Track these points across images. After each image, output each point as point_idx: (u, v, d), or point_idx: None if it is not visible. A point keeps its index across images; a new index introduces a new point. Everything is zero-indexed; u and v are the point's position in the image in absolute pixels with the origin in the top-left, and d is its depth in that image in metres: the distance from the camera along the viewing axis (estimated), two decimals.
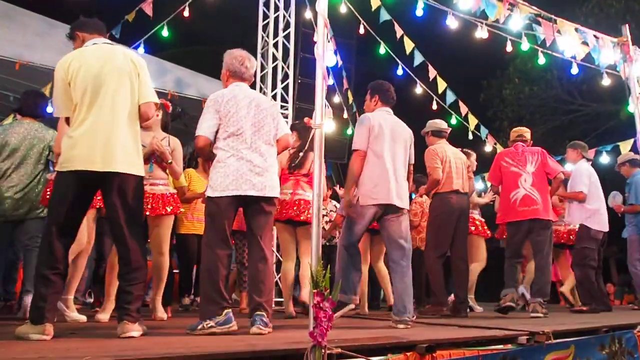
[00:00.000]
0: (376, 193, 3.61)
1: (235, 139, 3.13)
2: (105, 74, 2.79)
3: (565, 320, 4.01)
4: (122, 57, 2.89)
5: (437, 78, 7.13)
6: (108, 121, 2.74)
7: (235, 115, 3.15)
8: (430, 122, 5.10)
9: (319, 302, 2.13)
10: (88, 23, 3.05)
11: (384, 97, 3.88)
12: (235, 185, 3.06)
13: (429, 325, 3.68)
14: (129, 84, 2.85)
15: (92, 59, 2.82)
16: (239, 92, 3.24)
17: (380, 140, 3.67)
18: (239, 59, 3.34)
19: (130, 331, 2.64)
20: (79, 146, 2.69)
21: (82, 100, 2.74)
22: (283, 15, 6.78)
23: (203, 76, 7.58)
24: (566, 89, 14.90)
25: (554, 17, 4.62)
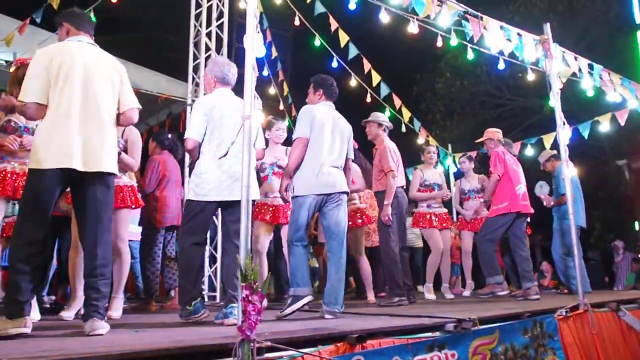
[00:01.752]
0: (315, 183, 3.66)
1: (218, 146, 3.34)
2: (89, 76, 2.81)
3: (492, 307, 4.19)
4: (107, 63, 2.94)
5: (372, 71, 7.22)
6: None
7: (220, 121, 3.39)
8: (376, 114, 5.16)
9: (248, 295, 2.10)
10: (80, 18, 3.03)
11: (327, 92, 3.98)
12: (217, 191, 3.32)
13: (360, 315, 3.74)
14: (112, 90, 2.90)
15: (77, 57, 2.82)
16: (225, 100, 3.48)
17: (320, 132, 3.75)
18: (226, 67, 3.61)
19: (98, 329, 2.62)
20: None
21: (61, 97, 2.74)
22: (216, 5, 6.61)
23: (134, 65, 7.29)
24: (494, 84, 15.56)
25: (480, 15, 4.79)
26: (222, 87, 3.57)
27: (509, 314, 3.59)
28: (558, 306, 3.93)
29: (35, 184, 2.68)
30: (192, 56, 6.48)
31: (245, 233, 2.30)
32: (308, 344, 2.36)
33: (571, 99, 11.87)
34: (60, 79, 2.74)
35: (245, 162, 2.43)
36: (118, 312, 3.82)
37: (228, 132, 3.36)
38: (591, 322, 3.98)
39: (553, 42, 4.95)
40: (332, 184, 3.71)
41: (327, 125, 3.79)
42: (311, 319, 3.47)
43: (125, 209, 3.88)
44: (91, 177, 2.75)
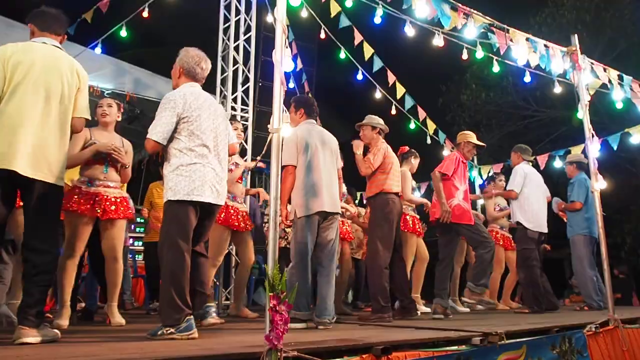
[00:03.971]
0: (310, 203, 3.75)
1: (200, 145, 3.07)
2: (47, 79, 2.73)
3: (518, 321, 4.13)
4: (68, 67, 2.84)
5: (396, 83, 7.24)
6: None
7: (198, 120, 3.08)
8: (371, 117, 4.90)
9: (275, 305, 2.14)
10: (45, 18, 2.91)
11: (308, 110, 4.07)
12: (200, 191, 3.03)
13: (385, 327, 3.73)
14: (68, 95, 2.81)
15: (37, 58, 2.74)
16: (199, 95, 3.16)
17: (308, 152, 3.83)
18: (195, 59, 3.26)
19: (25, 337, 2.51)
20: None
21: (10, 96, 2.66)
22: (244, 19, 6.75)
23: (163, 78, 7.46)
24: (521, 96, 15.37)
25: (507, 27, 4.78)
26: (191, 82, 3.25)
27: (537, 328, 3.54)
28: (587, 322, 3.86)
29: None
30: (220, 69, 6.60)
31: (273, 245, 2.34)
32: (333, 355, 2.37)
33: (600, 111, 11.68)
34: (14, 79, 2.68)
35: (273, 175, 2.46)
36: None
37: (208, 131, 3.16)
38: (622, 338, 3.90)
39: (581, 54, 4.91)
40: (328, 204, 3.82)
41: (312, 144, 3.88)
42: (334, 330, 3.49)
43: (119, 220, 3.85)
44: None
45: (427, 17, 4.64)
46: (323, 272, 3.82)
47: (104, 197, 3.74)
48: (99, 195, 3.73)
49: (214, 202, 3.11)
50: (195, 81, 3.27)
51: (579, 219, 6.20)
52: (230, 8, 6.74)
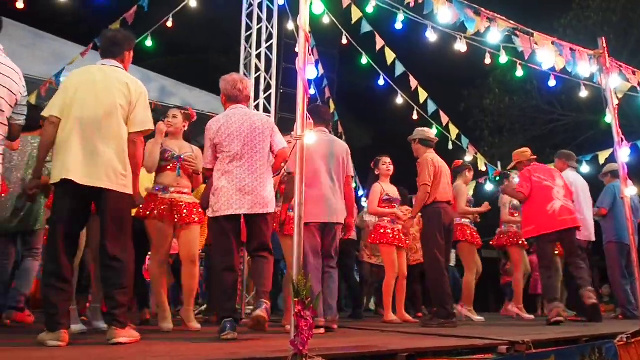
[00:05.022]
0: (315, 213, 3.83)
1: (228, 161, 3.36)
2: (100, 98, 2.90)
3: (546, 330, 4.05)
4: (121, 84, 2.96)
5: (418, 88, 7.21)
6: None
7: (228, 139, 3.39)
8: (419, 130, 5.09)
9: (300, 311, 2.14)
10: (102, 44, 3.13)
11: (319, 119, 4.13)
12: (227, 205, 3.31)
13: (410, 334, 3.70)
14: (122, 111, 2.94)
15: (96, 81, 2.93)
16: (233, 116, 3.47)
17: (314, 161, 3.89)
18: (232, 83, 3.57)
19: (118, 337, 2.71)
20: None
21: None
22: (266, 27, 6.81)
23: (186, 86, 7.60)
24: (546, 99, 15.16)
25: (531, 31, 4.71)
26: (234, 105, 3.56)
27: (565, 337, 3.47)
28: (619, 331, 3.76)
29: None
30: None
31: (298, 250, 2.34)
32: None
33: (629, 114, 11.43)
34: (74, 100, 2.89)
35: (297, 181, 2.47)
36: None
37: (236, 147, 3.39)
38: None
39: (609, 56, 4.81)
40: (332, 214, 3.94)
41: (319, 152, 3.96)
42: (357, 335, 3.47)
43: (195, 225, 4.03)
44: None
45: (450, 21, 4.60)
46: (329, 276, 3.96)
47: (178, 203, 3.91)
48: (174, 202, 3.90)
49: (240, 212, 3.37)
50: (238, 102, 3.58)
51: (609, 226, 6.09)
52: (252, 16, 6.81)
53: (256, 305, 3.22)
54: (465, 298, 5.68)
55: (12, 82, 2.81)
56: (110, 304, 2.80)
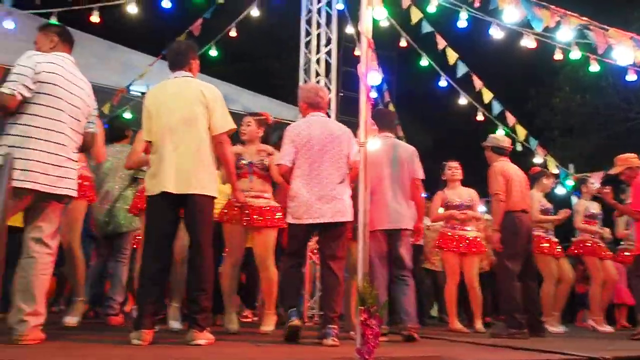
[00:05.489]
0: (379, 220, 3.78)
1: (307, 168, 3.41)
2: (177, 108, 3.05)
3: (630, 345, 3.79)
4: (194, 92, 3.09)
5: (482, 89, 6.98)
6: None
7: (307, 145, 3.44)
8: (492, 137, 4.96)
9: (366, 319, 2.11)
10: (170, 58, 3.24)
11: (383, 124, 4.05)
12: (308, 214, 3.35)
13: (479, 346, 3.56)
14: (198, 117, 3.06)
15: (169, 94, 3.10)
16: (313, 122, 3.55)
17: (376, 167, 3.80)
18: (313, 91, 3.71)
19: (198, 339, 2.83)
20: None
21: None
22: (325, 32, 6.83)
23: (248, 91, 7.73)
24: (622, 96, 14.29)
25: (606, 27, 4.43)
26: (314, 112, 3.64)
27: None
28: None
29: None
30: (303, 82, 6.70)
31: (362, 257, 2.32)
32: None
33: None
34: (159, 116, 3.08)
35: (361, 187, 2.45)
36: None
37: (316, 154, 3.44)
38: None
39: None
40: (397, 220, 3.86)
41: (381, 158, 3.88)
42: (422, 345, 3.39)
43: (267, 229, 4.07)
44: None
45: (516, 21, 4.43)
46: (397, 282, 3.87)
47: (250, 206, 3.96)
48: (245, 205, 3.95)
49: (321, 221, 3.40)
50: (319, 109, 3.66)
51: None
52: (311, 22, 6.85)
53: (323, 333, 3.22)
54: (544, 308, 5.39)
55: (85, 93, 2.94)
56: (193, 308, 2.92)
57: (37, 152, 2.63)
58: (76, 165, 2.89)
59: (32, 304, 2.60)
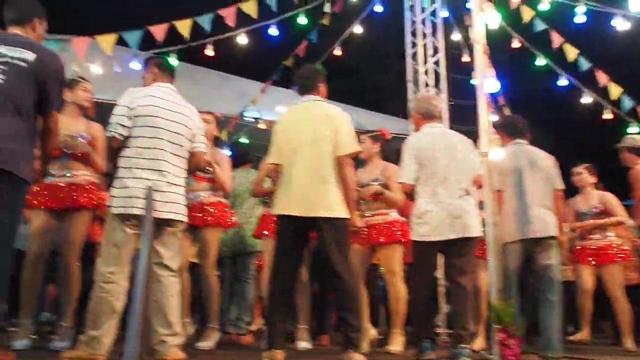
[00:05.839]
0: (517, 229, 3.57)
1: (433, 182, 3.32)
2: (308, 131, 3.13)
3: None
4: (321, 114, 3.16)
5: (609, 84, 6.42)
6: None
7: (432, 159, 3.34)
8: (629, 138, 4.61)
9: (504, 339, 2.01)
10: (298, 83, 3.35)
11: (509, 132, 3.87)
12: (438, 231, 3.25)
13: None
14: (324, 139, 3.12)
15: (302, 117, 3.20)
16: (433, 134, 3.46)
17: (512, 177, 3.64)
18: (427, 100, 3.64)
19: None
20: None
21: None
22: (431, 42, 6.73)
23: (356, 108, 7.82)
24: None
25: None
26: (430, 123, 3.55)
27: None
28: None
29: None
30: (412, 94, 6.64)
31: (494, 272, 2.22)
32: None
33: None
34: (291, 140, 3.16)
35: (487, 200, 2.35)
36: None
37: (441, 168, 3.35)
38: None
39: None
40: (539, 229, 3.60)
41: (509, 168, 3.68)
42: None
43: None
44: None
45: None
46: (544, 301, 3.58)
47: (372, 225, 3.99)
48: (368, 224, 3.99)
49: (452, 237, 3.29)
50: (434, 119, 3.58)
51: None
52: (416, 33, 6.79)
53: (455, 353, 3.11)
54: None
55: (187, 118, 3.02)
56: (346, 328, 2.95)
57: (142, 180, 2.75)
58: (181, 189, 2.92)
59: (166, 325, 2.73)
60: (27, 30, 2.68)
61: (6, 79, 2.45)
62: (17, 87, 2.48)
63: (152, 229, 2.52)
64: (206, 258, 3.85)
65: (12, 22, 2.69)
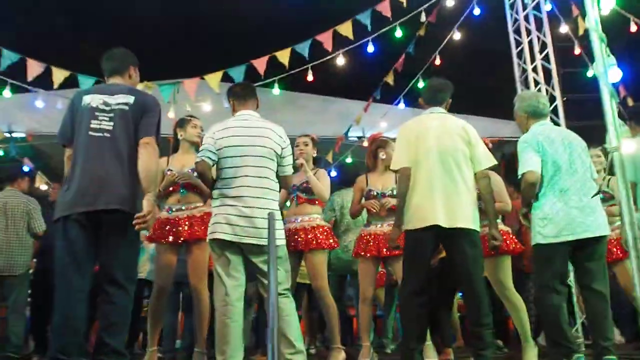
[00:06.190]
0: None
1: (560, 179, 3.11)
2: (440, 144, 3.07)
3: None
4: (455, 128, 3.12)
5: None
6: None
7: (554, 155, 3.14)
8: None
9: None
10: (429, 93, 3.34)
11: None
12: (569, 230, 3.00)
13: None
14: (460, 153, 3.08)
15: (430, 128, 3.13)
16: (551, 131, 3.29)
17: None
18: (534, 98, 3.44)
19: None
20: None
21: None
22: (537, 37, 6.35)
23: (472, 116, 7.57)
24: None
25: None
26: (540, 121, 3.36)
27: None
28: None
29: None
30: None
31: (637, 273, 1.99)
32: None
33: None
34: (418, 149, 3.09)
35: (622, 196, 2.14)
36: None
37: (566, 163, 3.14)
38: None
39: None
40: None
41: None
42: None
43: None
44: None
45: None
46: None
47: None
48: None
49: (584, 236, 3.05)
50: (543, 117, 3.40)
51: None
52: (520, 31, 6.45)
53: None
54: None
55: (269, 140, 3.09)
56: (479, 344, 2.88)
57: (231, 207, 2.92)
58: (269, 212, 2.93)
59: (289, 345, 2.84)
60: (124, 78, 2.94)
61: (114, 125, 2.69)
62: (124, 130, 2.71)
63: (272, 254, 2.58)
64: (316, 280, 3.86)
65: (112, 72, 2.96)
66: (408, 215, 3.03)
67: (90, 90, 2.91)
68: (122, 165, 2.65)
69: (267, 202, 2.97)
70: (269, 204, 2.98)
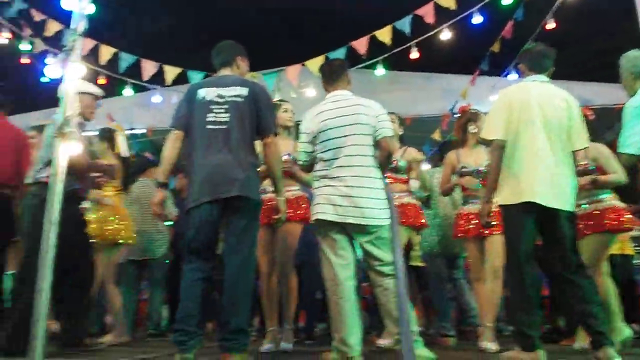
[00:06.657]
0: None
1: None
2: (543, 114, 2.89)
3: None
4: (560, 100, 2.92)
5: None
6: None
7: None
8: None
9: None
10: (531, 57, 3.09)
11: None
12: None
13: None
14: (564, 126, 2.91)
15: (532, 97, 2.92)
16: None
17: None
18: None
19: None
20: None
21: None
22: None
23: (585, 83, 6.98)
24: None
25: None
26: None
27: None
28: None
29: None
30: None
31: None
32: None
33: None
34: (520, 118, 2.87)
35: None
36: None
37: None
38: None
39: None
40: None
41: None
42: None
43: None
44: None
45: None
46: None
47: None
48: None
49: None
50: None
51: None
52: None
53: None
54: None
55: (364, 116, 2.99)
56: (595, 322, 2.73)
57: (331, 187, 2.90)
58: (371, 192, 2.91)
59: (396, 325, 2.81)
60: (233, 69, 3.09)
61: (230, 116, 2.86)
62: (240, 121, 2.87)
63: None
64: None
65: (221, 64, 3.11)
66: (506, 189, 2.84)
67: (204, 84, 3.07)
68: (238, 154, 2.83)
69: (368, 180, 2.91)
70: (370, 182, 2.92)
